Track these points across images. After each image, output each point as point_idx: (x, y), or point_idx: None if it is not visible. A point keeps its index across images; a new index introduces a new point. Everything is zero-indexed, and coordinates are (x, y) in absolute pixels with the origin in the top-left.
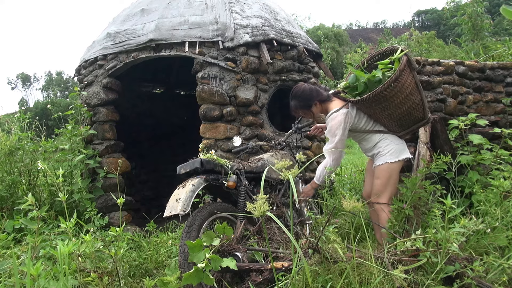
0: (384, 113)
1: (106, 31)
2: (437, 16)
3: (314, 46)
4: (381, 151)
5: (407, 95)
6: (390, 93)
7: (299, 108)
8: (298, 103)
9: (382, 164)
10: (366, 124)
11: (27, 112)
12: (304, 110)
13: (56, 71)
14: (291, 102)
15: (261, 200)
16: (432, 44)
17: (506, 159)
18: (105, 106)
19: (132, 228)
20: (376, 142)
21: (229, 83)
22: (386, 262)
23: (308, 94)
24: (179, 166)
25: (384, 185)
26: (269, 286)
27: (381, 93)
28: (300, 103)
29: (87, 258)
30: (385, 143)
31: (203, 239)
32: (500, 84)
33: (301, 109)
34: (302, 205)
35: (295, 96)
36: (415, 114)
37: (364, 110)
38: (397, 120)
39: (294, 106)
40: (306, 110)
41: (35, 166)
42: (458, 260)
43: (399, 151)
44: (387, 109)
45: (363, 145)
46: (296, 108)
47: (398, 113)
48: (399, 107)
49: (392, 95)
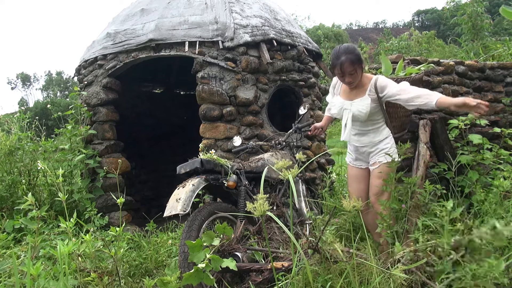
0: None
1: (106, 31)
2: (437, 16)
3: (314, 46)
4: (389, 148)
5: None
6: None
7: (356, 62)
8: (354, 56)
9: (387, 162)
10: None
11: (27, 112)
12: (359, 65)
13: (56, 71)
14: (344, 56)
15: (261, 200)
16: (432, 44)
17: (506, 159)
18: (105, 106)
19: (132, 228)
20: (386, 136)
21: (229, 83)
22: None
23: (359, 51)
24: (179, 166)
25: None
26: (269, 286)
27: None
28: (357, 57)
29: (87, 258)
30: (392, 141)
31: (203, 239)
32: (500, 84)
33: (357, 64)
34: (302, 205)
35: (349, 51)
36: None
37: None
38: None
39: (351, 60)
40: (360, 66)
41: (35, 166)
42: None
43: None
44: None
45: (370, 136)
46: (352, 62)
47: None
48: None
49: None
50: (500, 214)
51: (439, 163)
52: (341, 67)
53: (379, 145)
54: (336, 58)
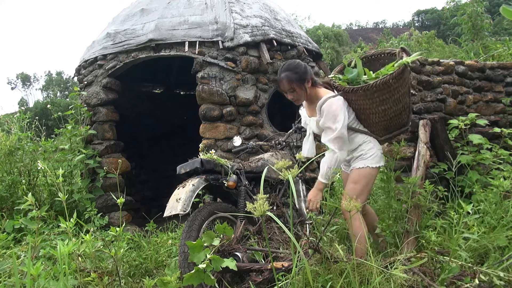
0: (380, 108)
1: (106, 31)
2: (437, 16)
3: (314, 46)
4: (363, 154)
5: (404, 93)
6: (395, 84)
7: (294, 80)
8: (292, 75)
9: (363, 167)
10: (353, 122)
11: (27, 112)
12: (297, 83)
13: (56, 71)
14: (283, 74)
15: (261, 200)
16: (432, 44)
17: (506, 159)
18: (105, 106)
19: (132, 228)
20: (359, 144)
21: (229, 83)
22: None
23: (304, 68)
24: (179, 166)
25: (360, 191)
26: (269, 286)
27: (389, 82)
28: (295, 75)
29: (87, 258)
30: (369, 146)
31: (203, 239)
32: (500, 84)
33: (296, 82)
34: (302, 205)
35: (290, 68)
36: (403, 116)
37: (359, 102)
38: (388, 120)
39: (288, 78)
40: (300, 85)
41: (35, 166)
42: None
43: (380, 157)
44: (386, 103)
45: None
46: (290, 81)
47: (392, 110)
48: (396, 104)
49: (396, 87)
50: (500, 214)
51: (439, 163)
52: (280, 84)
53: (354, 153)
54: (278, 74)
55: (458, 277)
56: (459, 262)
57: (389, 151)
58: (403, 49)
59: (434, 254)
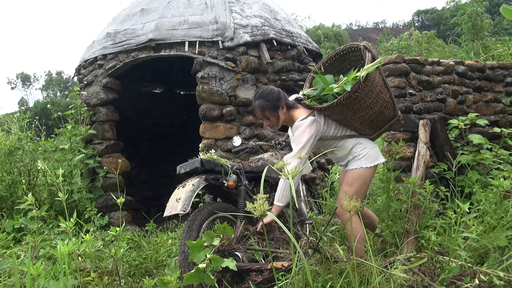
0: (356, 116)
1: (106, 31)
2: (437, 16)
3: (314, 45)
4: (356, 156)
5: (378, 93)
6: (361, 94)
7: (266, 108)
8: (265, 102)
9: (356, 168)
10: (337, 131)
11: (26, 112)
12: (270, 111)
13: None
14: (256, 102)
15: (261, 200)
16: (432, 43)
17: (506, 159)
18: (105, 106)
19: (132, 228)
20: (350, 148)
21: (229, 82)
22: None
23: (276, 95)
24: (179, 166)
25: (355, 192)
26: (269, 286)
27: (352, 96)
28: (267, 103)
29: (87, 257)
30: (360, 147)
31: (203, 239)
32: (500, 84)
33: (268, 110)
34: (302, 205)
35: (262, 96)
36: (387, 112)
37: (334, 116)
38: (370, 121)
39: (260, 106)
40: (273, 112)
41: (35, 166)
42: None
43: (375, 155)
44: (359, 111)
45: (336, 154)
46: (262, 108)
47: (370, 113)
48: (371, 108)
49: (363, 96)
50: (500, 214)
51: (439, 163)
52: (254, 112)
53: (348, 157)
54: (252, 102)
55: (458, 277)
56: (459, 262)
57: (389, 151)
58: (365, 47)
59: (434, 254)
